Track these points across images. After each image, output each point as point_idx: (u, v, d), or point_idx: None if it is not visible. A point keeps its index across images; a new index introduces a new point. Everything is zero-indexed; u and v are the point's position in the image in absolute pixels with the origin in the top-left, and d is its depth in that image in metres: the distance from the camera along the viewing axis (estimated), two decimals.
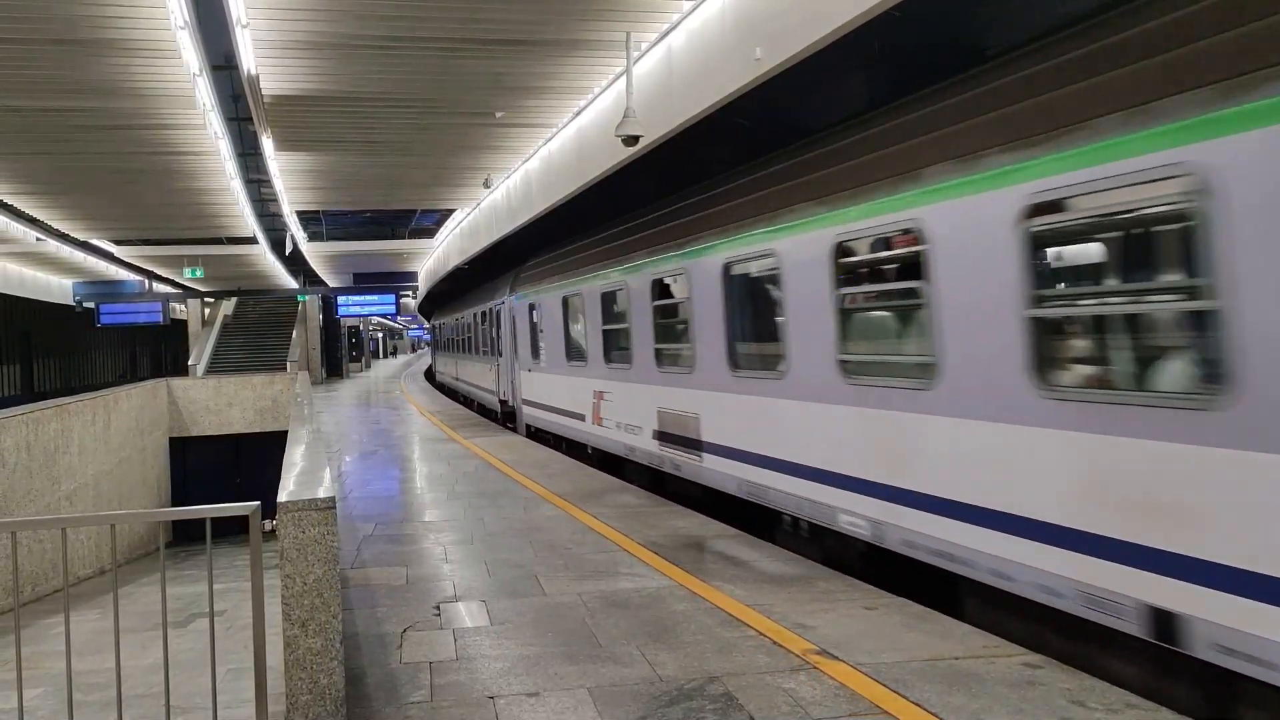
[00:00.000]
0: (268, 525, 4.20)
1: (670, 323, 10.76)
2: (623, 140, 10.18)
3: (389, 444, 17.13)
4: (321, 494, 4.40)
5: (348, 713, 4.38)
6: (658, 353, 10.82)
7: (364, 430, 19.98)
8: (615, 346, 12.39)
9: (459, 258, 27.00)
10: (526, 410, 17.93)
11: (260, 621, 4.17)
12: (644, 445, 11.28)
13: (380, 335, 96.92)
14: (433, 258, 34.93)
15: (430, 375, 46.27)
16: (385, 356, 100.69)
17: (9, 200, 20.25)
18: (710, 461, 9.52)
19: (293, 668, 4.24)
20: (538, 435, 17.29)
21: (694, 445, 9.83)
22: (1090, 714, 4.28)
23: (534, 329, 16.88)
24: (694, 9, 9.49)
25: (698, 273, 9.54)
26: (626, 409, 11.88)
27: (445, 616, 6.22)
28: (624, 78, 10.56)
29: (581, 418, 13.85)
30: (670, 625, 5.82)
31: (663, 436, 10.68)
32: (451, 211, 26.34)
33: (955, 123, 6.07)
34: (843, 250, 7.19)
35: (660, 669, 5.07)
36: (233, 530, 7.55)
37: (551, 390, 15.70)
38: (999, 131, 5.56)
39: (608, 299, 12.50)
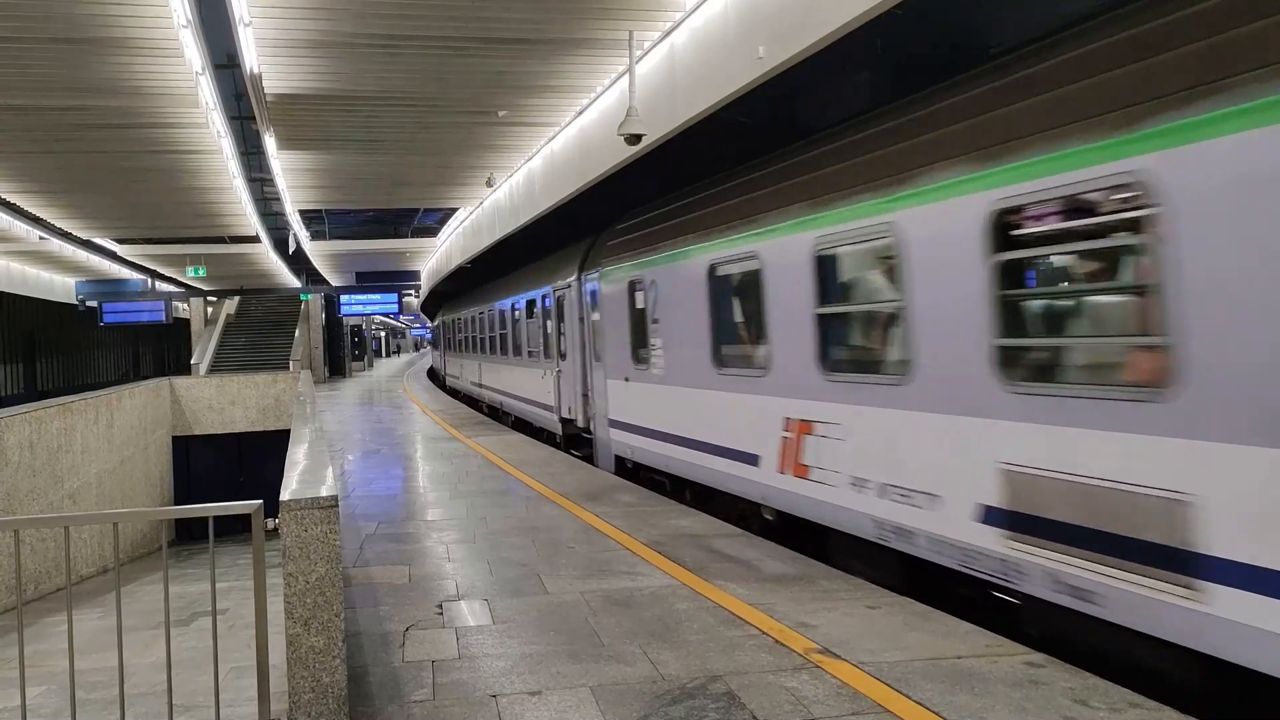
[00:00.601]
0: (270, 524, 4.20)
1: (1048, 297, 5.84)
2: (625, 139, 10.18)
3: (391, 443, 17.14)
4: (324, 492, 4.40)
5: (350, 711, 4.38)
6: (1005, 357, 5.67)
7: (367, 429, 19.99)
8: (849, 344, 7.56)
9: (461, 256, 27.00)
10: (618, 437, 12.69)
11: (263, 620, 4.17)
12: (943, 530, 6.26)
13: (383, 334, 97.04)
14: (435, 256, 34.96)
15: (434, 375, 45.30)
16: (388, 356, 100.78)
17: (12, 199, 20.28)
18: (1254, 610, 4.27)
19: (295, 666, 4.24)
20: (635, 473, 12.18)
21: (1169, 562, 4.64)
22: (1094, 713, 4.28)
23: (638, 319, 11.67)
24: (696, 7, 9.48)
25: (1194, 185, 4.48)
26: (886, 459, 6.83)
27: (448, 615, 6.21)
28: (627, 76, 10.55)
29: (752, 460, 8.74)
30: (672, 624, 5.82)
31: (1018, 522, 5.59)
32: (454, 210, 26.36)
33: None
34: None
35: (662, 668, 5.07)
36: (235, 529, 7.56)
37: (678, 411, 10.52)
38: None
39: (828, 263, 7.56)
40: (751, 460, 8.80)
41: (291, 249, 29.10)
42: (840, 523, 7.45)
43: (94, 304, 35.19)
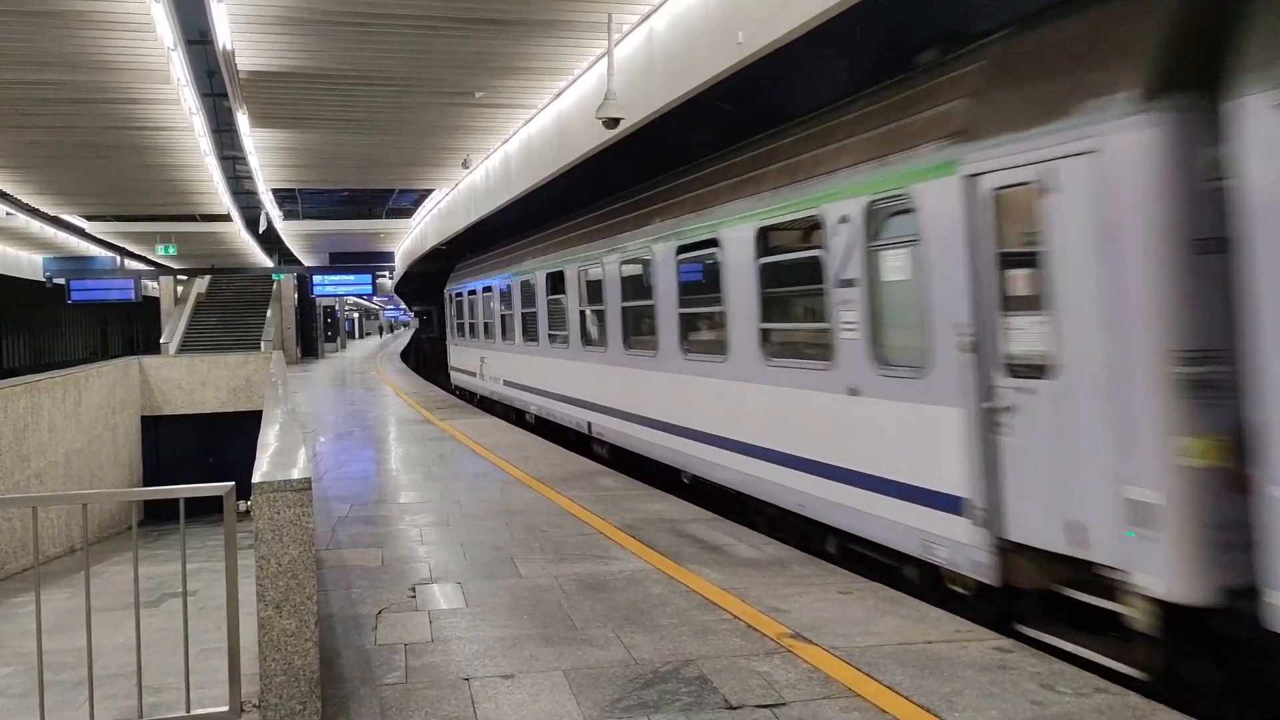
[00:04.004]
0: (243, 506, 4.17)
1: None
2: (603, 122, 10.13)
3: (365, 425, 17.05)
4: (296, 475, 4.37)
5: (322, 693, 4.37)
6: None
7: (340, 411, 19.87)
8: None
9: (437, 238, 26.82)
10: None
11: (234, 602, 4.15)
12: None
13: (356, 316, 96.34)
14: (410, 238, 34.69)
15: (408, 357, 42.16)
16: (361, 337, 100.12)
17: None
18: None
19: (267, 649, 4.22)
20: None
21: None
22: (1060, 697, 4.35)
23: None
24: None
25: None
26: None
27: (421, 598, 6.21)
28: (605, 59, 10.49)
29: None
30: (646, 608, 5.84)
31: None
32: (429, 191, 26.15)
33: None
34: None
35: (635, 652, 5.09)
36: (206, 510, 7.50)
37: None
38: None
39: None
40: None
41: (264, 228, 28.75)
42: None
43: (61, 281, 34.68)
